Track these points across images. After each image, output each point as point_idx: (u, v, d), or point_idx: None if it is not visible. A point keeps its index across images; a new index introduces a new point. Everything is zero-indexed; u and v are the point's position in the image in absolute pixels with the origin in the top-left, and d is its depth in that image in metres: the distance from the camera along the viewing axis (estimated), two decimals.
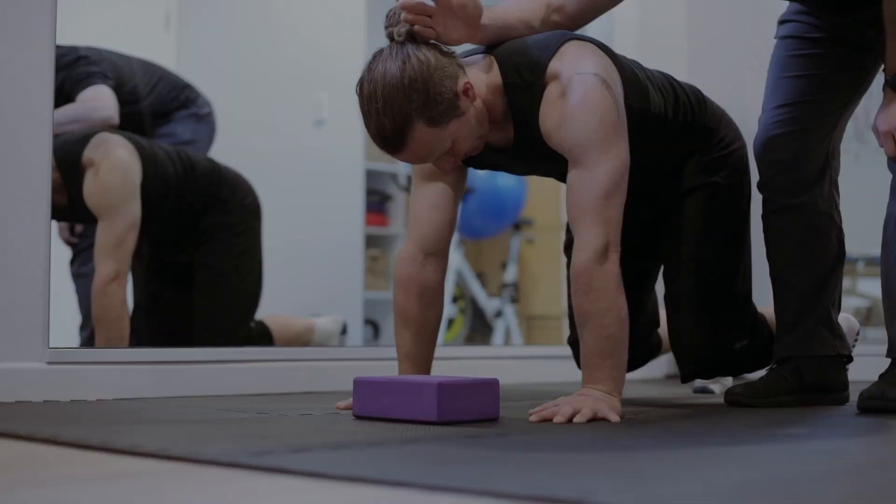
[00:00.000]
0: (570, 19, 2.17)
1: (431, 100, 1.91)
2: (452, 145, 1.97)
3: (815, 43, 2.24)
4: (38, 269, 2.30)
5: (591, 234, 1.90)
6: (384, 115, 1.91)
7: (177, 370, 2.54)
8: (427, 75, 1.91)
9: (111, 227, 2.88)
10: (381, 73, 1.92)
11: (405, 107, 1.90)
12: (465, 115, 1.96)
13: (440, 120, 1.93)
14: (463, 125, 1.97)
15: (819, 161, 2.25)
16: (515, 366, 3.27)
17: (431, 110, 1.91)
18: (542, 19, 2.15)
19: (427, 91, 1.91)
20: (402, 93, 1.90)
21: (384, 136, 1.93)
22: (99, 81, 3.25)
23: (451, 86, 1.94)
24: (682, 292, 2.28)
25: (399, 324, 2.19)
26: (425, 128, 1.92)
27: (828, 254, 2.27)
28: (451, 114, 1.94)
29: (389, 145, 1.95)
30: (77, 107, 3.18)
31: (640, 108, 2.10)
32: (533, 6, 2.14)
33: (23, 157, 2.32)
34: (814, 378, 2.24)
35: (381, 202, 5.75)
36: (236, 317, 3.25)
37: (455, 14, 2.00)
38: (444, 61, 1.96)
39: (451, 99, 1.93)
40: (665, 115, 2.16)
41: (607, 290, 1.90)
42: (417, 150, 1.95)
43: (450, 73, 1.95)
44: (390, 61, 1.93)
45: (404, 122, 1.91)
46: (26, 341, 2.29)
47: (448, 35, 2.01)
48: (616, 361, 1.92)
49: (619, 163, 1.93)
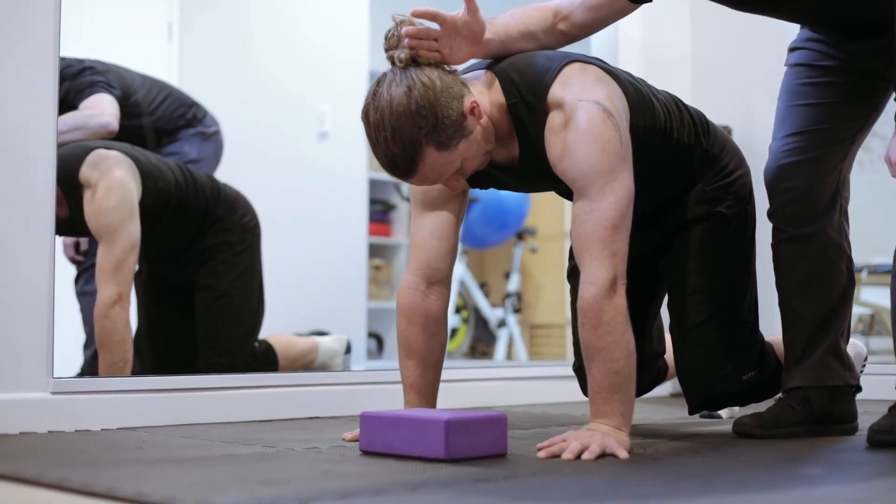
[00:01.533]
0: (577, 29, 2.16)
1: (440, 124, 1.90)
2: (462, 165, 1.97)
3: (826, 71, 2.23)
4: (41, 298, 2.29)
5: (599, 268, 1.89)
6: (393, 144, 1.90)
7: (181, 398, 2.52)
8: (434, 99, 1.90)
9: (111, 250, 2.86)
10: (387, 100, 1.90)
11: (414, 134, 1.89)
12: (473, 133, 1.96)
13: (449, 143, 1.92)
14: (471, 144, 1.96)
15: (829, 190, 2.24)
16: (520, 387, 3.25)
17: (440, 134, 1.90)
18: (547, 29, 2.13)
19: (435, 116, 1.90)
20: (410, 120, 1.89)
21: (395, 164, 1.93)
22: (101, 90, 3.25)
23: (457, 107, 1.93)
24: (687, 324, 2.26)
25: (403, 354, 2.18)
26: (435, 152, 1.91)
27: (837, 283, 2.25)
28: (459, 135, 1.93)
29: (400, 172, 1.94)
30: (76, 115, 3.18)
31: (646, 124, 2.08)
32: (538, 16, 2.13)
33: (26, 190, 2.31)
34: (822, 409, 2.22)
35: (384, 212, 5.75)
36: (240, 337, 3.23)
37: (459, 34, 1.99)
38: (449, 81, 1.95)
39: (458, 120, 1.92)
40: (670, 131, 2.15)
41: (616, 325, 1.89)
42: (428, 174, 1.94)
43: (455, 93, 1.94)
44: (395, 87, 1.91)
45: (414, 150, 1.90)
46: (30, 371, 2.28)
47: (453, 56, 2.00)
48: (624, 396, 1.91)
49: (624, 193, 1.92)
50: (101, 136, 3.18)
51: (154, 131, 3.46)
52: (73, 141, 3.16)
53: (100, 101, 3.23)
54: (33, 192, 2.32)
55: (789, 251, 2.26)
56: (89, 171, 2.89)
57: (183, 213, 3.11)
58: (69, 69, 3.24)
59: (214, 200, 3.19)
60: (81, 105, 3.22)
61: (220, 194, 3.23)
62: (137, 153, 3.04)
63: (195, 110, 3.54)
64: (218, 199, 3.20)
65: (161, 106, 3.48)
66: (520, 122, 2.03)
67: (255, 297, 3.30)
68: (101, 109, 3.21)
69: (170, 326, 3.32)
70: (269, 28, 4.78)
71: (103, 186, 2.88)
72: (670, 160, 2.19)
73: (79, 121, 3.16)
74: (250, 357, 3.21)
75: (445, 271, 2.17)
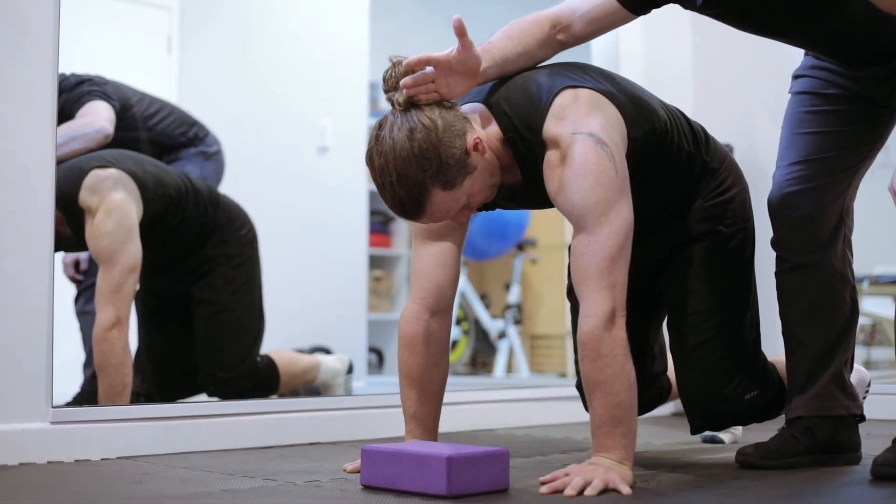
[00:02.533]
0: (576, 38, 2.15)
1: (444, 164, 1.90)
2: (468, 200, 1.98)
3: (830, 99, 2.21)
4: (40, 328, 2.28)
5: (597, 300, 1.88)
6: (400, 188, 1.91)
7: (181, 425, 2.51)
8: (436, 140, 1.90)
9: (110, 273, 2.85)
10: (390, 145, 1.91)
11: (419, 176, 1.90)
12: (477, 169, 1.96)
13: (455, 182, 1.93)
14: (476, 180, 1.97)
15: (833, 219, 2.22)
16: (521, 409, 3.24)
17: (445, 175, 1.91)
18: (544, 43, 2.11)
19: (439, 157, 1.90)
20: (414, 163, 1.89)
21: (403, 207, 1.94)
22: (96, 98, 3.24)
23: (460, 144, 1.93)
24: (688, 344, 2.25)
25: (405, 384, 2.17)
26: (441, 192, 1.92)
27: (841, 313, 2.24)
28: (464, 173, 1.94)
29: (408, 214, 1.96)
30: (72, 124, 3.16)
31: (646, 131, 2.06)
32: (535, 31, 2.11)
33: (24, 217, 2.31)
34: (826, 439, 2.21)
35: (384, 223, 5.74)
36: (240, 350, 3.22)
37: (455, 71, 1.99)
38: (450, 119, 1.95)
39: (461, 158, 1.92)
40: (671, 132, 2.13)
41: (615, 357, 1.88)
42: (436, 213, 1.96)
43: (458, 131, 1.94)
44: (397, 131, 1.92)
45: (420, 192, 1.91)
46: (29, 401, 2.27)
47: (451, 93, 2.00)
48: (626, 429, 1.90)
49: (622, 223, 1.91)
50: (98, 142, 3.15)
51: (155, 147, 3.45)
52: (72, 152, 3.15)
53: (94, 107, 3.22)
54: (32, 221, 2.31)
55: (793, 280, 2.25)
56: (88, 196, 2.88)
57: (182, 217, 3.10)
58: (66, 82, 3.24)
59: (213, 208, 3.18)
60: (77, 114, 3.21)
61: (219, 202, 3.22)
62: (134, 165, 3.01)
63: (197, 129, 3.53)
64: (217, 207, 3.19)
65: (162, 122, 3.48)
66: (519, 154, 2.02)
67: (255, 311, 3.29)
68: (95, 115, 3.20)
69: (169, 341, 3.30)
70: (270, 42, 4.77)
71: (102, 210, 2.87)
72: (670, 166, 2.17)
73: (75, 130, 3.15)
74: (252, 372, 3.20)
75: (448, 300, 2.17)
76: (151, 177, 3.01)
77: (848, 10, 2.00)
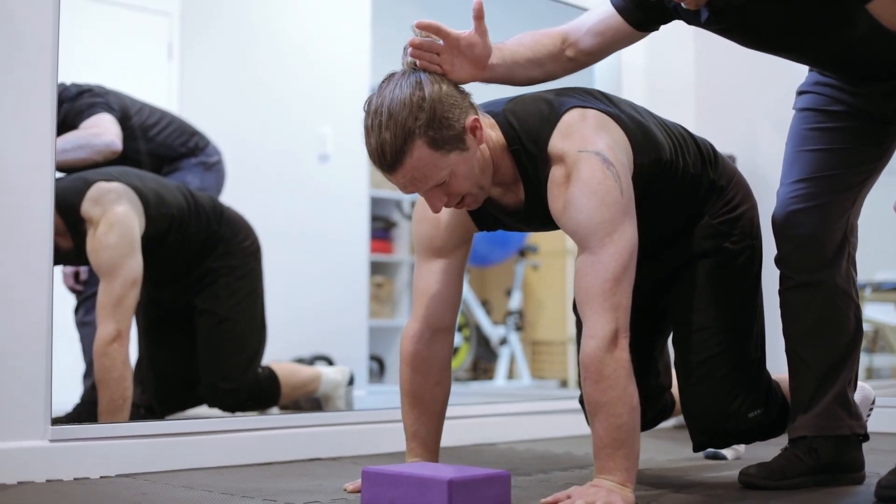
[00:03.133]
0: (585, 56, 2.14)
1: (436, 121, 1.87)
2: (449, 180, 1.92)
3: (835, 116, 2.20)
4: (39, 347, 2.27)
5: (600, 321, 1.87)
6: (386, 130, 1.86)
7: (180, 442, 2.50)
8: (436, 98, 1.89)
9: (111, 286, 2.83)
10: (390, 90, 1.90)
11: (409, 122, 1.86)
12: (469, 151, 1.92)
13: (442, 145, 1.88)
14: (464, 161, 1.92)
15: (838, 237, 2.21)
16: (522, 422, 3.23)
17: (435, 132, 1.87)
18: (555, 56, 2.11)
19: (433, 112, 1.87)
20: (407, 108, 1.86)
21: (382, 151, 1.87)
22: (102, 110, 3.24)
23: (459, 116, 1.90)
24: (693, 361, 2.24)
25: (407, 403, 2.16)
26: (425, 148, 1.87)
27: (845, 332, 2.22)
28: (454, 144, 1.90)
29: (386, 161, 1.88)
30: (79, 133, 3.15)
31: (651, 160, 2.05)
32: (547, 42, 2.11)
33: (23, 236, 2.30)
34: (829, 458, 2.20)
35: (385, 229, 5.72)
36: (242, 362, 3.20)
37: (463, 53, 1.97)
38: (456, 94, 1.94)
39: (457, 128, 1.90)
40: (676, 161, 2.12)
41: (618, 379, 1.86)
42: (413, 172, 1.89)
43: (461, 104, 1.92)
44: (403, 81, 1.91)
45: (405, 140, 1.86)
46: (28, 420, 2.26)
47: (454, 73, 1.98)
48: (628, 451, 1.88)
49: (626, 244, 1.89)
50: (104, 155, 3.16)
51: (155, 158, 3.44)
52: (75, 160, 3.13)
53: (101, 120, 3.22)
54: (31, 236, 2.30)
55: (797, 299, 2.23)
56: (91, 207, 2.87)
57: (185, 235, 3.09)
58: (66, 92, 3.23)
59: (217, 221, 3.17)
60: (83, 125, 3.20)
61: (223, 215, 3.21)
62: (137, 181, 3.00)
63: (197, 139, 3.52)
64: (220, 220, 3.18)
65: (163, 133, 3.46)
66: (523, 168, 2.01)
67: (257, 322, 3.27)
68: (104, 129, 3.19)
69: (171, 352, 3.29)
70: (270, 49, 4.76)
71: (105, 222, 2.86)
72: (676, 192, 2.16)
73: (82, 139, 3.14)
74: (253, 383, 3.19)
75: (450, 319, 2.16)
76: (154, 194, 3.00)
77: (853, 28, 1.98)
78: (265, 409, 3.26)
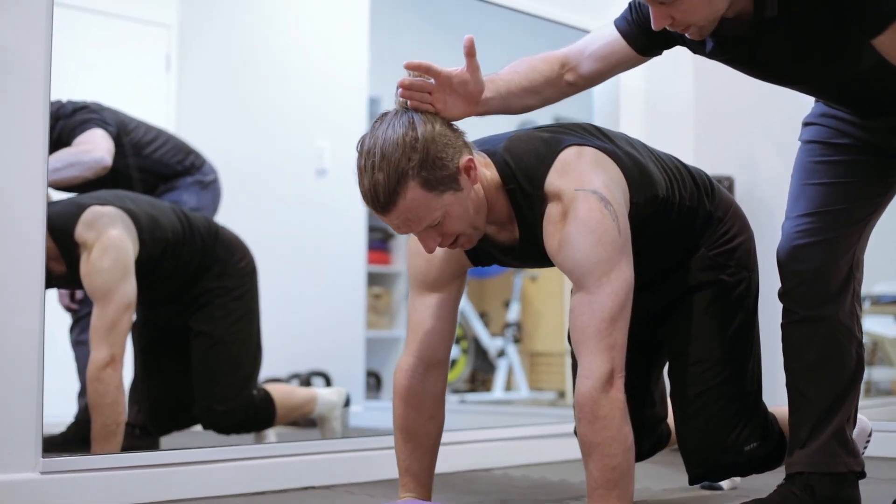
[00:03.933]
0: (584, 80, 2.12)
1: (430, 162, 1.85)
2: (443, 220, 1.90)
3: (841, 149, 2.17)
4: (30, 378, 2.25)
5: (596, 361, 1.85)
6: (379, 171, 1.83)
7: (173, 472, 2.48)
8: (429, 138, 1.86)
9: (105, 311, 2.82)
10: (383, 130, 1.87)
11: (402, 163, 1.83)
12: (463, 191, 1.90)
13: (436, 185, 1.86)
14: (458, 201, 1.89)
15: (843, 272, 2.18)
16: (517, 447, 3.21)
17: (428, 172, 1.84)
18: (553, 81, 2.09)
19: (427, 152, 1.85)
20: (400, 149, 1.84)
21: (375, 193, 1.85)
22: (95, 126, 3.22)
23: (453, 156, 1.88)
24: (689, 394, 2.22)
25: (400, 438, 2.15)
26: (419, 189, 1.85)
27: (846, 369, 2.19)
28: (448, 184, 1.87)
29: (379, 203, 1.86)
30: (70, 150, 3.14)
31: (647, 198, 2.04)
32: (544, 68, 2.09)
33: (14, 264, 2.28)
34: (825, 496, 2.17)
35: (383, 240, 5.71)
36: (237, 383, 3.19)
37: (455, 91, 1.95)
38: (450, 133, 1.91)
39: (451, 169, 1.87)
40: (672, 197, 2.11)
41: (613, 419, 1.85)
42: (407, 213, 1.86)
43: (453, 144, 1.90)
44: (396, 120, 1.88)
45: (398, 181, 1.83)
46: (19, 452, 2.24)
47: (447, 111, 1.95)
48: (622, 492, 1.87)
49: (622, 283, 1.88)
50: (95, 171, 3.14)
51: (151, 176, 3.43)
52: (67, 179, 3.12)
53: (93, 136, 3.20)
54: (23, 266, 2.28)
55: (799, 333, 2.20)
56: (85, 231, 2.85)
57: (179, 257, 3.07)
58: (62, 109, 3.22)
59: (212, 242, 3.15)
60: (75, 141, 3.19)
61: (218, 235, 3.19)
62: (131, 204, 2.99)
63: (193, 158, 3.50)
64: (216, 241, 3.16)
65: (159, 151, 3.45)
66: (518, 208, 1.99)
67: (253, 343, 3.25)
68: (94, 144, 3.18)
69: (165, 373, 3.27)
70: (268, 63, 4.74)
71: (98, 247, 2.84)
72: (672, 226, 2.15)
73: (72, 157, 3.13)
74: (248, 405, 3.17)
75: (444, 353, 2.14)
76: (148, 217, 2.98)
77: (859, 62, 1.96)
78: (261, 431, 3.25)
